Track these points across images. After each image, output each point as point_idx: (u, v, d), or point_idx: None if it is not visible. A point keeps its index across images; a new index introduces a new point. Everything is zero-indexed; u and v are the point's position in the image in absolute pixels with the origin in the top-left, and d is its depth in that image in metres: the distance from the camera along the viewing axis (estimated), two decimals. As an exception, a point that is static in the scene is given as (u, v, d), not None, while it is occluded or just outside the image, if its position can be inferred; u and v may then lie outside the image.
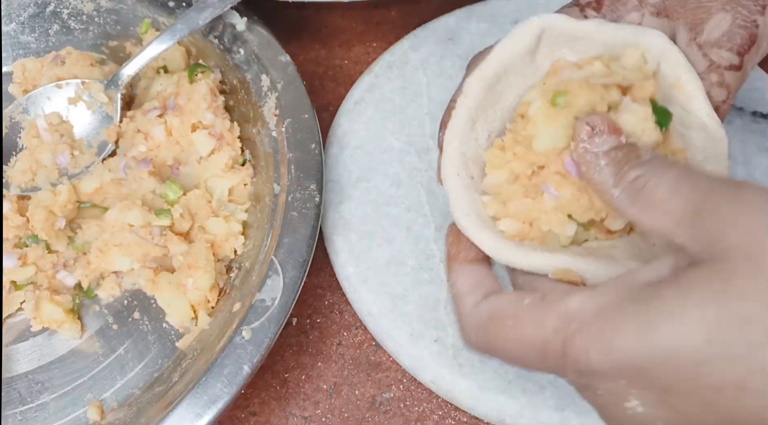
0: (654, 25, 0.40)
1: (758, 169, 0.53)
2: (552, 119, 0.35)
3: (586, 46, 0.39)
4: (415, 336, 0.48)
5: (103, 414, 0.47)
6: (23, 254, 0.50)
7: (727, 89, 0.39)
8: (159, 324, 0.50)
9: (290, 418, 0.49)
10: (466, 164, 0.38)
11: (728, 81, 0.39)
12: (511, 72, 0.39)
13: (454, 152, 0.38)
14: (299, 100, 0.53)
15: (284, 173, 0.50)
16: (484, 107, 0.39)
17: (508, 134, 0.38)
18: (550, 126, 0.35)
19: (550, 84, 0.37)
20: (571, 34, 0.39)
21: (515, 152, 0.37)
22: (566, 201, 0.35)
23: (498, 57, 0.39)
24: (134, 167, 0.52)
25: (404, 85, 0.58)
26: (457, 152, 0.38)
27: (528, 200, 0.37)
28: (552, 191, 0.36)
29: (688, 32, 0.39)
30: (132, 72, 0.55)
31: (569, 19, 0.39)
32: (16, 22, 0.61)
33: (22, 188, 0.53)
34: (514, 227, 0.37)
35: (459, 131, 0.38)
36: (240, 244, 0.51)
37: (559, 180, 0.35)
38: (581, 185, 0.35)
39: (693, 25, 0.39)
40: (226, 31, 0.56)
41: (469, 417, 0.48)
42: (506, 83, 0.39)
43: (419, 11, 0.63)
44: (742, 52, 0.39)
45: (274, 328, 0.44)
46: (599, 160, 0.33)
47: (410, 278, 0.50)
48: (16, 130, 0.55)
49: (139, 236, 0.49)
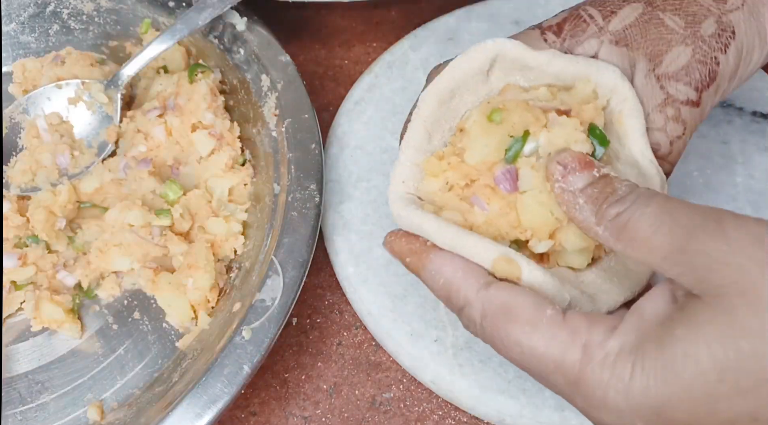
0: (613, 54, 0.39)
1: (758, 169, 0.53)
2: (485, 133, 0.36)
3: (536, 76, 0.39)
4: (415, 336, 0.48)
5: (103, 414, 0.47)
6: (23, 254, 0.50)
7: (683, 124, 0.38)
8: (159, 323, 0.50)
9: (290, 418, 0.49)
10: (418, 175, 0.39)
11: (684, 116, 0.38)
12: (464, 89, 0.40)
13: (405, 161, 0.39)
14: (299, 100, 0.53)
15: (284, 173, 0.50)
16: (440, 121, 0.40)
17: (448, 145, 0.39)
18: (483, 140, 0.36)
19: (493, 102, 0.38)
20: (522, 63, 0.39)
21: (450, 162, 0.37)
22: (494, 215, 0.36)
23: (450, 75, 0.39)
24: (134, 167, 0.52)
25: (404, 85, 0.58)
26: (410, 161, 0.39)
27: (462, 209, 0.37)
28: (482, 203, 0.36)
29: (647, 63, 0.38)
30: (132, 72, 0.55)
31: (524, 48, 0.39)
32: (16, 22, 0.61)
33: (22, 188, 0.53)
34: (457, 219, 0.37)
35: (414, 142, 0.40)
36: (240, 244, 0.51)
37: (488, 194, 0.36)
38: (510, 200, 0.36)
39: (652, 56, 0.38)
40: (226, 31, 0.56)
41: (469, 417, 0.48)
42: (460, 100, 0.40)
43: (419, 11, 0.63)
44: (700, 88, 0.38)
45: (274, 328, 0.44)
46: (577, 199, 0.33)
47: (410, 278, 0.50)
48: (16, 130, 0.55)
49: (139, 236, 0.49)
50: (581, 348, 0.30)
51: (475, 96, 0.40)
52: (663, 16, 0.39)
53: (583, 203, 0.33)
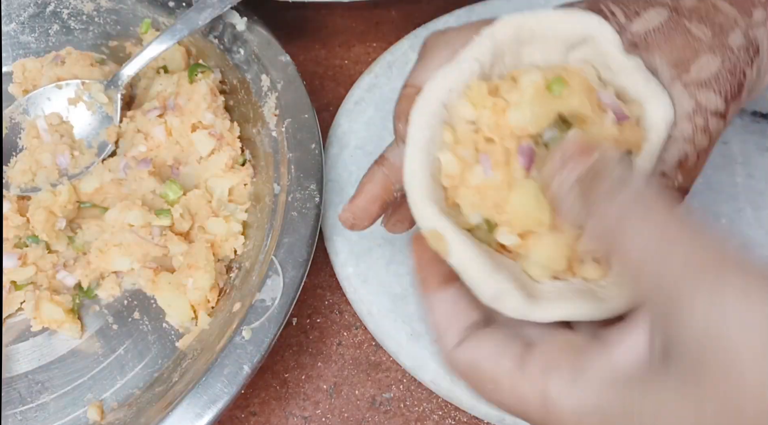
0: None
1: (758, 169, 0.53)
2: (538, 101, 0.33)
3: (608, 78, 0.36)
4: (415, 336, 0.48)
5: (103, 414, 0.47)
6: (23, 254, 0.50)
7: (709, 136, 0.36)
8: (159, 323, 0.50)
9: (290, 418, 0.49)
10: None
11: (711, 128, 0.36)
12: (540, 42, 0.36)
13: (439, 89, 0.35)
14: (299, 100, 0.53)
15: (284, 173, 0.50)
16: (504, 54, 0.36)
17: (499, 82, 0.35)
18: (534, 106, 0.33)
19: (561, 72, 0.35)
20: (605, 61, 0.36)
21: (496, 103, 0.34)
22: (489, 184, 0.33)
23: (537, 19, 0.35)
24: (134, 167, 0.52)
25: (404, 85, 0.58)
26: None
27: (466, 159, 0.34)
28: (488, 166, 0.33)
29: (671, 70, 0.36)
30: (132, 72, 0.55)
31: (620, 49, 0.36)
32: (16, 22, 0.61)
33: (22, 188, 0.53)
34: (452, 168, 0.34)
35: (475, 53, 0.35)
36: (240, 244, 0.51)
37: (500, 161, 0.33)
38: (512, 179, 0.33)
39: (677, 63, 0.36)
40: (226, 31, 0.56)
41: (469, 417, 0.48)
42: (530, 49, 0.37)
43: (419, 11, 0.63)
44: (729, 98, 0.36)
45: (274, 328, 0.44)
46: (568, 196, 0.30)
47: (410, 279, 0.50)
48: (16, 130, 0.55)
49: (139, 236, 0.49)
50: (539, 400, 0.29)
51: (546, 56, 0.36)
52: (689, 25, 0.37)
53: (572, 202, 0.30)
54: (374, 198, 0.40)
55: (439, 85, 0.35)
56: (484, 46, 0.36)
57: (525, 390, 0.30)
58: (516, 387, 0.30)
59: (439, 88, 0.35)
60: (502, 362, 0.31)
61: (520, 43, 0.36)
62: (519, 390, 0.30)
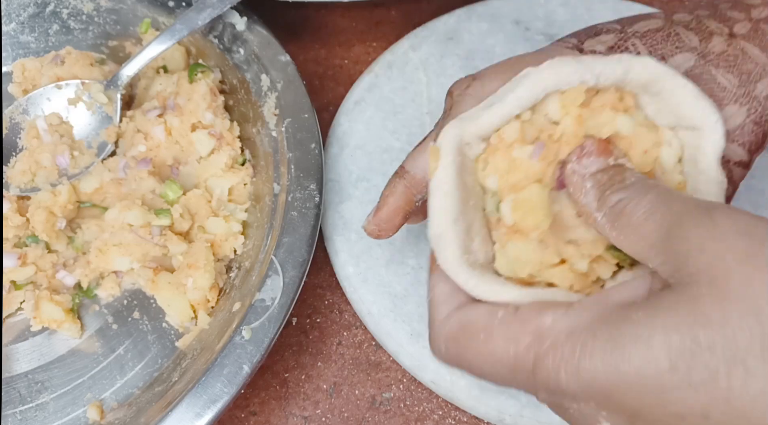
0: None
1: (758, 169, 0.52)
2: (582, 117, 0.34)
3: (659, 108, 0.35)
4: (415, 336, 0.48)
5: (103, 413, 0.47)
6: (23, 254, 0.50)
7: (733, 185, 0.37)
8: (159, 323, 0.50)
9: (290, 418, 0.49)
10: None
11: (735, 177, 0.37)
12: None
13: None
14: (299, 100, 0.53)
15: (284, 172, 0.50)
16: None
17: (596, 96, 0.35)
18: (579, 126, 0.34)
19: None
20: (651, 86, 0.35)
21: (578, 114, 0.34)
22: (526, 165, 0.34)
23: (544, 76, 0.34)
24: (134, 167, 0.52)
25: (404, 85, 0.58)
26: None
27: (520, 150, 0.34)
28: (538, 151, 0.34)
29: None
30: (132, 72, 0.55)
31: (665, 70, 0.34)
32: (16, 22, 0.61)
33: (21, 188, 0.53)
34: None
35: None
36: (240, 244, 0.51)
37: (549, 157, 0.34)
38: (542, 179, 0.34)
39: None
40: (226, 31, 0.56)
41: (469, 417, 0.48)
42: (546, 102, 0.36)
43: (419, 11, 0.63)
44: (752, 150, 0.37)
45: (274, 328, 0.44)
46: (585, 182, 0.32)
47: (410, 278, 0.50)
48: (15, 130, 0.55)
49: (139, 235, 0.49)
50: (531, 334, 0.29)
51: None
52: (716, 72, 0.37)
53: (590, 187, 0.32)
54: (398, 210, 0.41)
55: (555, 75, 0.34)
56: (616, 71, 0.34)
57: (517, 329, 0.30)
58: (509, 329, 0.30)
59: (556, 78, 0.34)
60: (495, 313, 0.31)
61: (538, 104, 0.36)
62: (512, 330, 0.30)
